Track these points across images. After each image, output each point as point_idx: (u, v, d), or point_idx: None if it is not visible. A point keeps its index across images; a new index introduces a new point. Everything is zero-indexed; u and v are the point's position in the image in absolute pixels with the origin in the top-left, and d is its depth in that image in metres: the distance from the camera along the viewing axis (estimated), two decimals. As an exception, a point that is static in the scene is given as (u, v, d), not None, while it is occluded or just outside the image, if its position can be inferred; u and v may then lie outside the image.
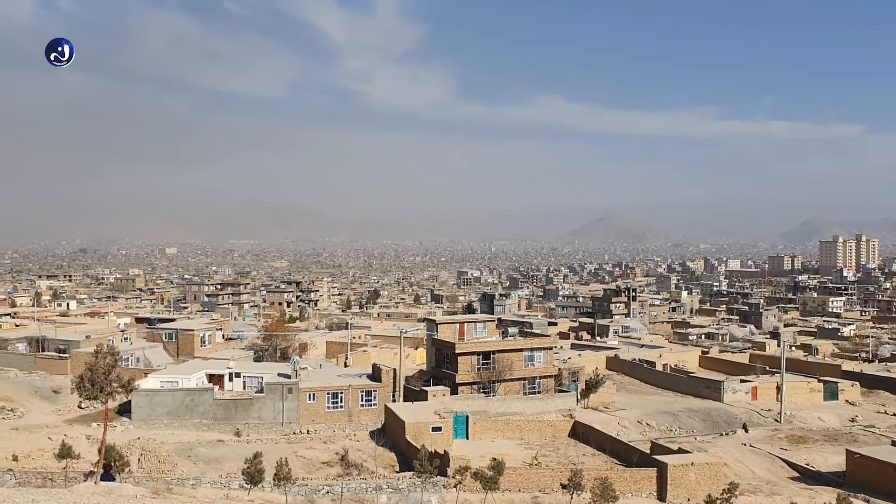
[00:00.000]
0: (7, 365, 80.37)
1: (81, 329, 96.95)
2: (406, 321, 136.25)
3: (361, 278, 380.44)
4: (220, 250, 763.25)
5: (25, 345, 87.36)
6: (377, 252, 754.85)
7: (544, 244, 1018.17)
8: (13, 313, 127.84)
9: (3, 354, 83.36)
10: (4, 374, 76.75)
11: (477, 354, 73.07)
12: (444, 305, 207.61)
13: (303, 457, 56.03)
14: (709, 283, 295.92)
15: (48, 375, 77.99)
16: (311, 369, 75.31)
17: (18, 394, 70.64)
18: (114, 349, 46.11)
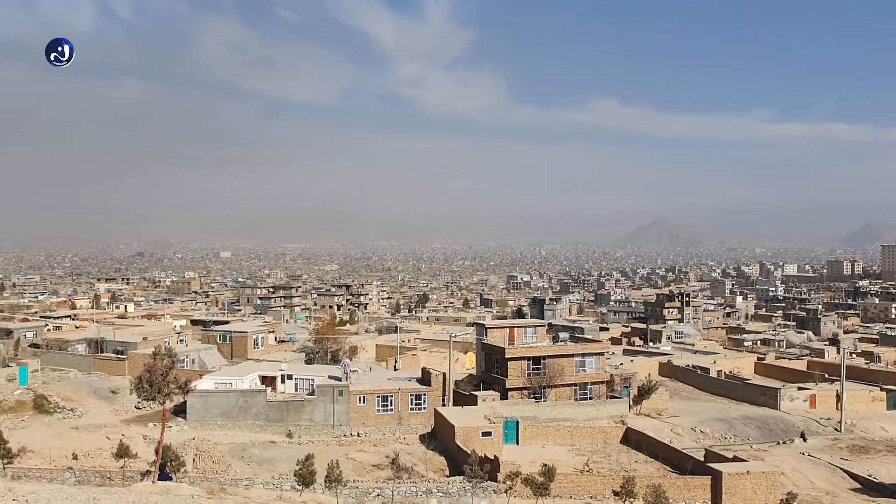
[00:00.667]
0: (67, 365, 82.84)
1: (139, 331, 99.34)
2: (455, 325, 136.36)
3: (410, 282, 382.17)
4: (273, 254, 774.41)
5: (85, 346, 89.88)
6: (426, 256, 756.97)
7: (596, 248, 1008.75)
8: (73, 315, 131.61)
9: (64, 355, 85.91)
10: (65, 375, 79.13)
11: (527, 359, 72.69)
12: (494, 310, 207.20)
13: (353, 459, 56.52)
14: (764, 288, 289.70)
15: (107, 376, 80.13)
16: (361, 372, 75.94)
17: (78, 394, 72.77)
18: (171, 351, 47.19)
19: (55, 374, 78.69)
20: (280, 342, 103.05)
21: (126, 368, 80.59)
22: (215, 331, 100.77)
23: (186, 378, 48.13)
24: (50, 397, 69.32)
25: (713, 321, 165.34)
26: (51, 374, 77.66)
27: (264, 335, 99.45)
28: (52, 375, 77.59)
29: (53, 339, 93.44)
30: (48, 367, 79.63)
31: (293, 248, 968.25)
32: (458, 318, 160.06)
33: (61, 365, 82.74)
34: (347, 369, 71.19)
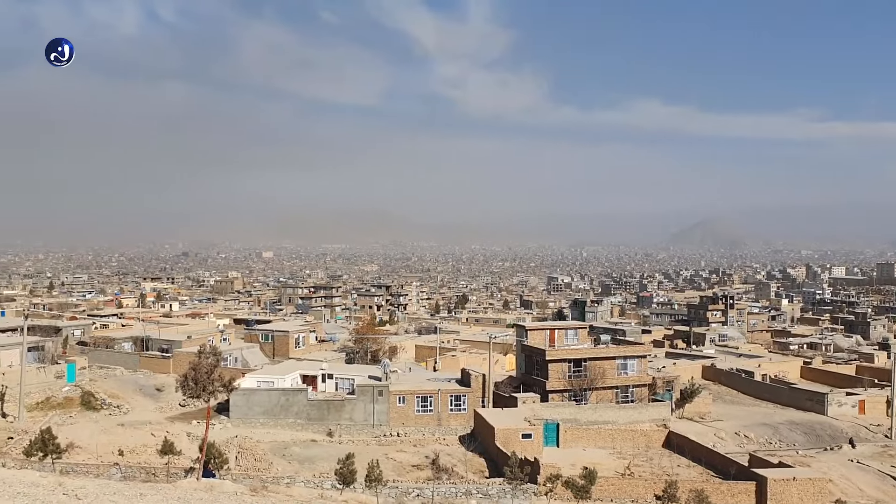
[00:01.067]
0: (114, 363, 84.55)
1: (183, 329, 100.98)
2: (495, 327, 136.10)
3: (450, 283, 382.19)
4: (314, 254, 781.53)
5: (131, 344, 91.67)
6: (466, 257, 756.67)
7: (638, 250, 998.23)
8: (120, 314, 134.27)
9: (111, 353, 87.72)
10: (111, 372, 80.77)
11: (568, 361, 72.28)
12: (534, 311, 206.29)
13: (393, 459, 56.77)
14: (811, 291, 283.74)
15: (152, 374, 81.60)
16: (401, 372, 76.23)
17: (124, 391, 74.24)
18: (216, 349, 47.86)
19: (102, 371, 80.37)
20: (321, 342, 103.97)
21: (171, 366, 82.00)
22: (257, 330, 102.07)
23: (230, 376, 48.81)
24: (97, 394, 70.82)
25: (758, 324, 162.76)
26: (98, 372, 79.32)
27: (305, 334, 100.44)
28: (99, 373, 79.24)
29: (100, 338, 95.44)
30: (95, 365, 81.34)
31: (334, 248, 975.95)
32: (498, 320, 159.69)
33: (108, 363, 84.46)
34: (387, 369, 71.53)
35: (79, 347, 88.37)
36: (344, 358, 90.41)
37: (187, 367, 49.92)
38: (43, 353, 73.67)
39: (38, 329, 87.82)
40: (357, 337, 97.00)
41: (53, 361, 73.42)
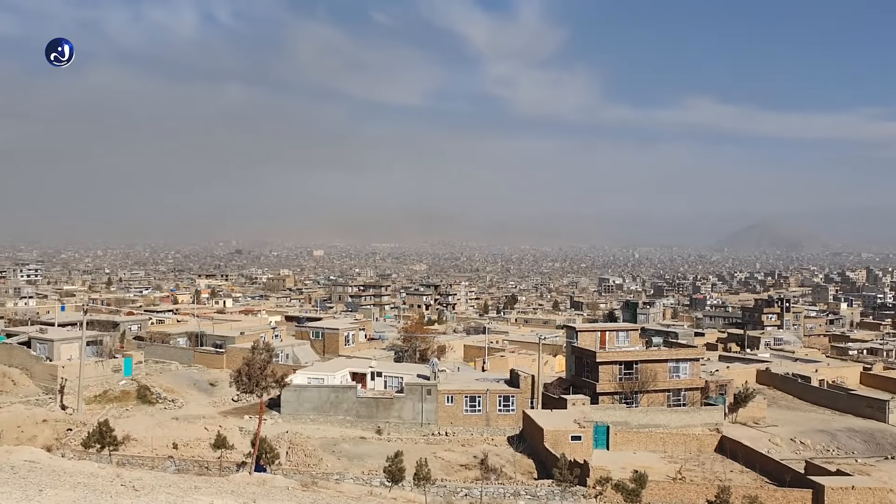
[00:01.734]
0: (169, 358, 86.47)
1: (236, 326, 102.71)
2: (544, 327, 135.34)
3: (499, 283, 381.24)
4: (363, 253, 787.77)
5: (186, 340, 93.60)
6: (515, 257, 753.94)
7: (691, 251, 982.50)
8: (175, 310, 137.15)
9: (166, 348, 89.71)
10: (166, 367, 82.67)
11: (619, 364, 71.60)
12: (585, 313, 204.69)
13: (441, 458, 56.90)
14: (872, 295, 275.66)
15: (205, 369, 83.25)
16: (450, 372, 76.39)
17: (178, 385, 75.91)
18: (269, 346, 48.64)
19: (157, 366, 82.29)
20: (370, 340, 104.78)
21: (224, 362, 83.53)
22: (308, 327, 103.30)
23: (283, 372, 49.50)
24: (152, 388, 72.56)
25: (815, 328, 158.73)
26: (153, 366, 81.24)
27: (355, 332, 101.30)
28: (155, 367, 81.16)
29: (156, 333, 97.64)
30: (151, 360, 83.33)
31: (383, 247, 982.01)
32: (548, 321, 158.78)
33: (163, 357, 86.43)
34: (436, 368, 71.74)
35: (135, 342, 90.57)
36: (393, 356, 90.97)
37: (241, 362, 50.86)
38: (101, 348, 75.64)
39: (97, 324, 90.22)
40: (406, 336, 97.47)
41: (111, 356, 75.32)
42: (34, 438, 55.77)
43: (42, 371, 70.39)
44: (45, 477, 18.10)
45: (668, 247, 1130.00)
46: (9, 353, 73.94)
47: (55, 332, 78.07)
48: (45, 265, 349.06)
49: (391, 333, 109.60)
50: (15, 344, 75.06)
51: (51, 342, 73.03)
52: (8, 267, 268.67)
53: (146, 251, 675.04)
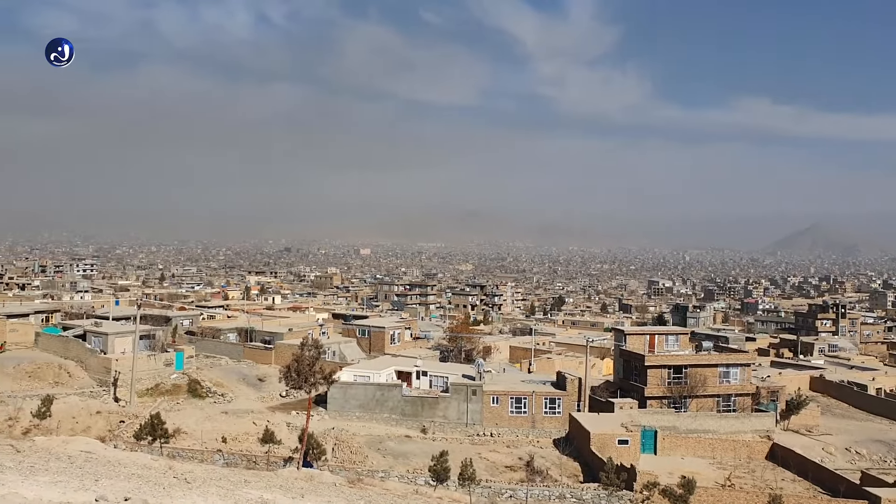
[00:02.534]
0: (219, 353, 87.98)
1: (285, 322, 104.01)
2: (592, 330, 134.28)
3: (546, 284, 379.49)
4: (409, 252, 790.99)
5: (235, 335, 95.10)
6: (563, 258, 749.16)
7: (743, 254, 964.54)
8: (225, 306, 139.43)
9: (216, 343, 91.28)
10: (216, 362, 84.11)
11: (668, 368, 70.69)
12: (633, 315, 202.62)
13: (486, 459, 56.86)
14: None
15: (254, 364, 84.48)
16: (495, 373, 76.26)
17: (228, 380, 77.17)
18: (318, 343, 49.17)
19: (208, 360, 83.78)
20: (415, 339, 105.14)
21: (272, 358, 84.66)
22: (355, 325, 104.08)
23: (331, 369, 49.97)
24: (203, 382, 73.90)
25: (872, 335, 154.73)
26: (204, 361, 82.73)
27: (401, 331, 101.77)
28: (205, 362, 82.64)
29: (207, 328, 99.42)
30: (202, 354, 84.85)
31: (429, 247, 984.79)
32: (596, 323, 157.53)
33: (214, 352, 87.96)
34: (481, 369, 71.69)
35: (187, 337, 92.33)
36: (438, 356, 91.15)
37: (289, 358, 51.49)
38: (154, 342, 77.24)
39: (150, 318, 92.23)
40: (451, 335, 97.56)
41: (163, 350, 76.85)
42: (88, 429, 57.25)
43: (96, 364, 72.20)
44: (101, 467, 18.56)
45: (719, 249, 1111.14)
46: (65, 346, 76.04)
47: (109, 325, 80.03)
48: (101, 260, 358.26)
49: (437, 333, 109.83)
50: (71, 337, 77.15)
51: (105, 336, 74.86)
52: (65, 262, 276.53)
53: (198, 248, 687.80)
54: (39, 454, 19.93)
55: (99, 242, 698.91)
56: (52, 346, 77.38)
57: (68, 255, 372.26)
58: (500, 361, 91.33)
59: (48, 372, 70.70)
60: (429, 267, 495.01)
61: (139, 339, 72.13)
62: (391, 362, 78.55)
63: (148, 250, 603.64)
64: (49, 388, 66.61)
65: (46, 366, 71.62)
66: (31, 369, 70.19)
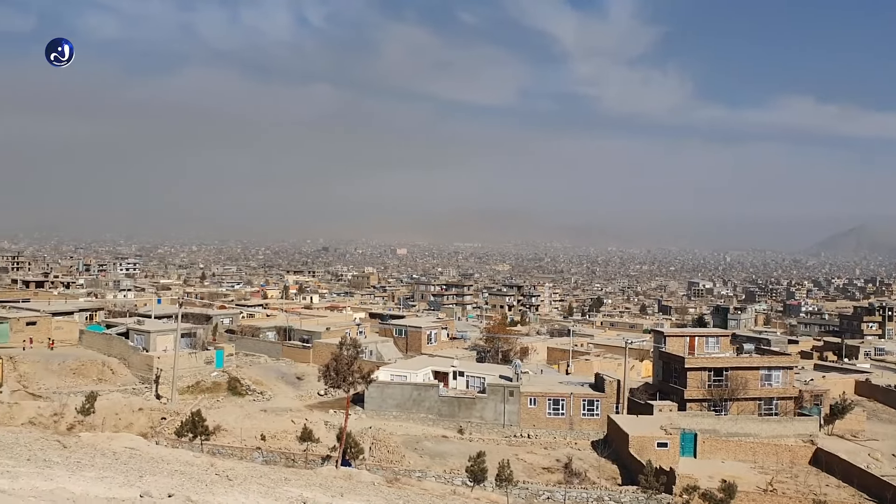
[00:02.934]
0: (258, 351, 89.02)
1: (322, 321, 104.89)
2: (631, 332, 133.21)
3: (584, 285, 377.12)
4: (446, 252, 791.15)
5: (274, 333, 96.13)
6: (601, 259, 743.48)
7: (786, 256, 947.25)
8: (264, 304, 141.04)
9: (256, 342, 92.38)
10: (256, 360, 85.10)
11: (708, 370, 69.82)
12: (673, 317, 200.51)
13: (523, 460, 56.70)
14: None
15: (293, 363, 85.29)
16: (533, 374, 75.99)
17: (267, 378, 78.01)
18: (356, 342, 49.49)
19: (247, 358, 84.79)
20: (452, 339, 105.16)
21: (310, 356, 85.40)
22: (391, 324, 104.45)
23: (369, 369, 50.25)
24: (242, 380, 74.81)
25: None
26: (244, 359, 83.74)
27: (437, 331, 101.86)
28: (245, 360, 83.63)
29: (247, 326, 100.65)
30: (241, 352, 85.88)
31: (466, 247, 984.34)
32: (634, 325, 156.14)
33: (253, 350, 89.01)
34: (518, 370, 71.47)
35: (227, 335, 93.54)
36: (475, 356, 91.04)
37: (327, 357, 51.89)
38: (194, 340, 78.36)
39: (191, 317, 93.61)
40: (488, 336, 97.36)
41: (204, 348, 77.92)
42: (130, 426, 58.28)
43: (139, 361, 73.49)
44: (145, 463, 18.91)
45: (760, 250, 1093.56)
46: (108, 344, 77.53)
47: (152, 324, 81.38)
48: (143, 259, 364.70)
49: (473, 333, 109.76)
50: (114, 335, 78.61)
51: (147, 334, 76.13)
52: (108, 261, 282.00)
53: (238, 247, 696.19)
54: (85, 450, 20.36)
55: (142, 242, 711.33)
56: (95, 343, 78.95)
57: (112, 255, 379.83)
58: (537, 363, 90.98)
59: (92, 369, 72.15)
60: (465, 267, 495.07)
61: (180, 337, 73.21)
62: (428, 362, 78.70)
63: (189, 249, 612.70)
64: (93, 384, 67.98)
65: (90, 363, 73.07)
66: (76, 366, 71.69)
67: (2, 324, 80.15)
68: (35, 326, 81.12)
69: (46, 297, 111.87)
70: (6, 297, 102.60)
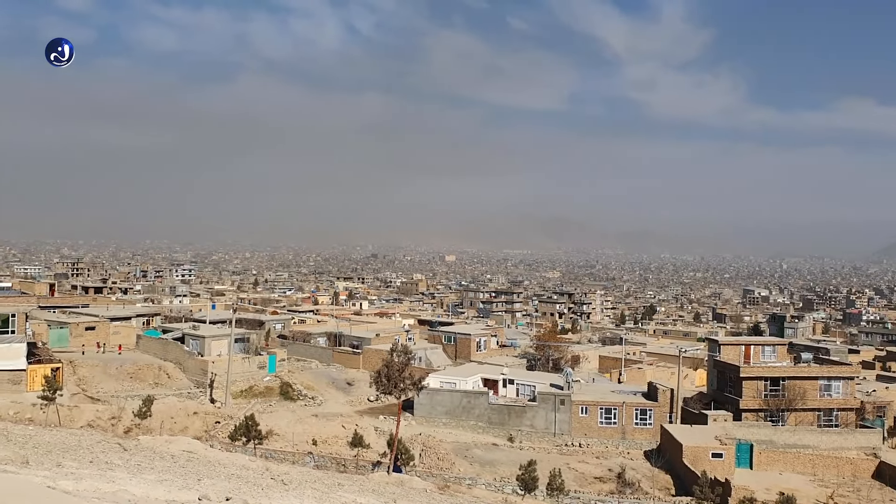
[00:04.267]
0: (310, 357, 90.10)
1: (372, 327, 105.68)
2: (684, 340, 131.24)
3: (636, 292, 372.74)
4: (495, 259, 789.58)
5: (325, 339, 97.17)
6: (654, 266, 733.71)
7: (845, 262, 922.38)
8: (315, 310, 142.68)
9: (307, 347, 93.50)
10: (307, 365, 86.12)
11: (764, 380, 68.47)
12: (727, 325, 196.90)
13: (574, 469, 56.25)
14: None
15: (343, 368, 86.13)
16: (584, 382, 75.40)
17: (318, 383, 78.89)
18: (407, 348, 49.73)
19: (299, 363, 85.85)
20: (502, 346, 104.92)
21: (360, 362, 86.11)
22: (440, 331, 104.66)
23: (420, 375, 50.44)
24: (294, 385, 75.77)
25: None
26: (295, 364, 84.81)
27: (487, 338, 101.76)
28: (297, 365, 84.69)
29: (298, 332, 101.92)
30: (293, 357, 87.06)
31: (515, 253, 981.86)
32: (688, 333, 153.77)
33: (304, 356, 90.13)
34: (569, 378, 70.96)
35: (279, 340, 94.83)
36: (525, 364, 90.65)
37: (376, 363, 52.29)
38: (248, 345, 79.63)
39: (245, 322, 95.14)
40: (538, 344, 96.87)
41: (257, 353, 79.11)
42: (185, 429, 59.44)
43: (194, 366, 74.94)
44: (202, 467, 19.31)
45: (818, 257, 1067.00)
46: (164, 348, 79.28)
47: (206, 329, 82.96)
48: (198, 265, 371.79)
49: (523, 341, 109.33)
50: (170, 339, 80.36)
51: (202, 339, 77.59)
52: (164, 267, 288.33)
53: (290, 254, 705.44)
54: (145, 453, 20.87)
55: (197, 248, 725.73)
56: (152, 348, 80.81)
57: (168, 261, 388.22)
58: (588, 371, 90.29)
59: (148, 373, 73.80)
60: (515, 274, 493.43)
61: (234, 342, 74.45)
62: (477, 370, 78.65)
63: (243, 256, 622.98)
64: (149, 388, 69.51)
65: (147, 367, 74.76)
66: (133, 370, 73.41)
67: (62, 328, 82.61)
68: (94, 331, 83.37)
69: (105, 302, 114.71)
70: (66, 302, 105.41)
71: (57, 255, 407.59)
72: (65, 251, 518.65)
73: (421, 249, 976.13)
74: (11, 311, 62.83)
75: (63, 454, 20.12)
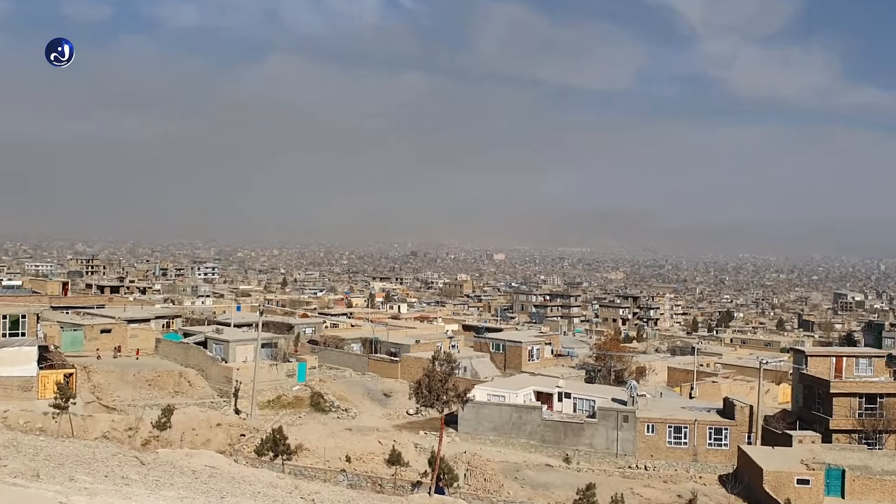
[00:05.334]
0: (343, 364, 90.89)
1: (411, 333, 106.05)
2: (766, 350, 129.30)
3: (711, 296, 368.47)
4: (549, 258, 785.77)
5: (359, 346, 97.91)
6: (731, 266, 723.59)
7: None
8: (349, 313, 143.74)
9: (340, 354, 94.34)
10: (340, 374, 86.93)
11: (859, 396, 67.16)
12: (816, 334, 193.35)
13: (639, 495, 55.95)
14: None
15: (379, 378, 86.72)
16: (650, 397, 74.80)
17: (352, 394, 79.57)
18: (450, 357, 49.83)
19: (331, 372, 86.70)
20: (557, 356, 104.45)
21: (398, 371, 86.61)
22: (488, 338, 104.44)
23: (465, 387, 50.50)
24: (325, 395, 76.53)
25: None
26: (327, 372, 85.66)
27: (540, 347, 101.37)
28: (328, 373, 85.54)
29: (330, 337, 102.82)
30: (325, 365, 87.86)
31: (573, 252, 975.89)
32: (770, 342, 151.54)
33: (337, 363, 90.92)
34: (634, 392, 70.38)
35: (309, 346, 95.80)
36: (583, 376, 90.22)
37: (416, 372, 52.52)
38: (276, 351, 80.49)
39: (272, 326, 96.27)
40: (599, 353, 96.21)
41: (285, 359, 79.85)
42: (208, 442, 60.44)
43: (217, 373, 76.11)
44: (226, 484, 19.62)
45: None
46: (185, 353, 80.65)
47: (231, 332, 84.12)
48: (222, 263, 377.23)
49: (581, 350, 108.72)
50: (191, 344, 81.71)
51: (226, 343, 78.67)
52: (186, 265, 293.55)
53: (321, 251, 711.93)
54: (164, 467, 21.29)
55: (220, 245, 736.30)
56: (172, 353, 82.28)
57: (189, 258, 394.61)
58: (655, 384, 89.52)
59: (168, 380, 75.21)
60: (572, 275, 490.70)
61: (261, 348, 75.22)
62: (529, 381, 78.47)
63: (270, 253, 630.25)
64: (168, 397, 70.86)
65: (166, 374, 76.18)
66: (152, 377, 74.86)
67: (76, 331, 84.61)
68: (110, 334, 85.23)
69: (122, 302, 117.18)
70: (80, 302, 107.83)
71: (70, 252, 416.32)
72: (79, 247, 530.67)
73: (466, 247, 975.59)
74: (22, 311, 64.54)
75: (76, 467, 20.64)
